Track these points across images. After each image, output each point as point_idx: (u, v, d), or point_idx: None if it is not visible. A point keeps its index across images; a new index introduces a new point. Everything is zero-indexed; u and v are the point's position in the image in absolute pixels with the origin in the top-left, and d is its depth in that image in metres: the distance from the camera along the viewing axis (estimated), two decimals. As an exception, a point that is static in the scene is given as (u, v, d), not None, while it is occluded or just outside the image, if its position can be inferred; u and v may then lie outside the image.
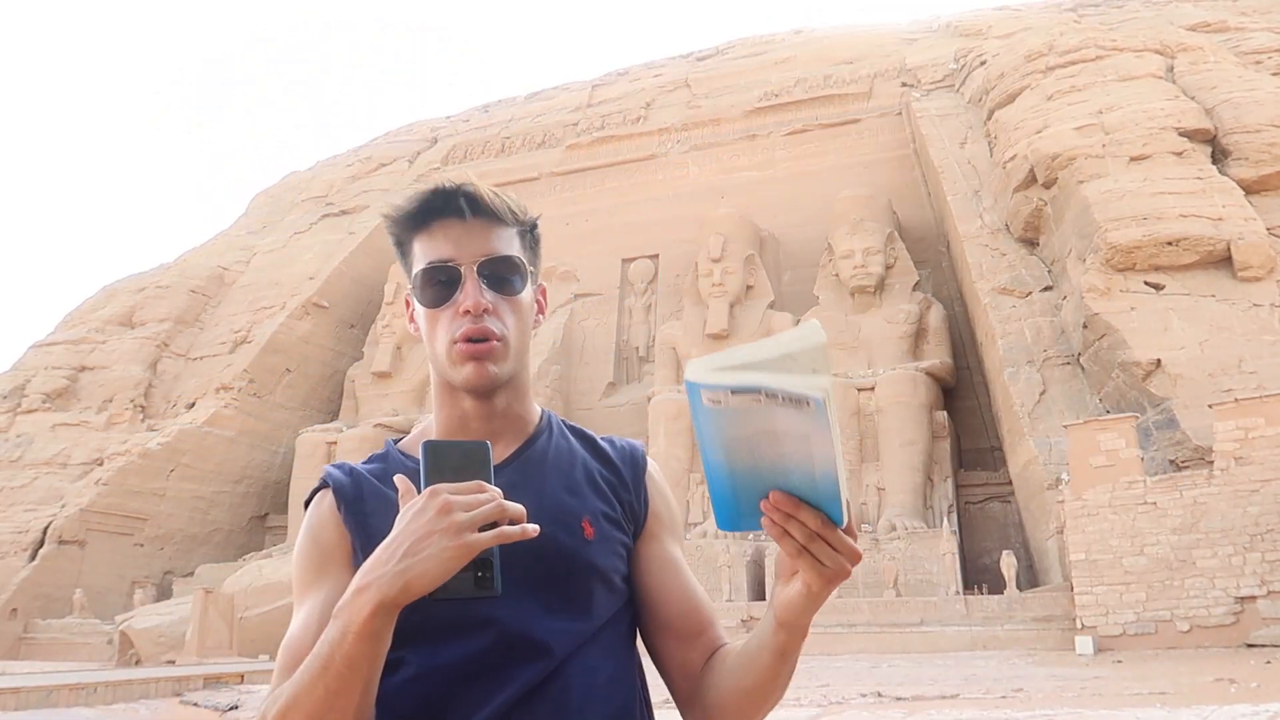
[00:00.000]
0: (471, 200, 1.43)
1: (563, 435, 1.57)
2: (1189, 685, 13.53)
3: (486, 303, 1.40)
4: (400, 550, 1.12)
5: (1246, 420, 20.02)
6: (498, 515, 1.14)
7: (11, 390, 39.87)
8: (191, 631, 25.11)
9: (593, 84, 53.47)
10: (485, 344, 1.40)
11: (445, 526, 1.11)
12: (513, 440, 1.51)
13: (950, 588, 24.88)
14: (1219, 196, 26.09)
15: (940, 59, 42.39)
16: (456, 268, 1.41)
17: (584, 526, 1.42)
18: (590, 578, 1.40)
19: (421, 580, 1.10)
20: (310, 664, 1.15)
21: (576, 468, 1.51)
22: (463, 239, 1.42)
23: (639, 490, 1.55)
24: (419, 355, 40.40)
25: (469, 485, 1.16)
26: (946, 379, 32.63)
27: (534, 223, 1.54)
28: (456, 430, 1.48)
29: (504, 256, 1.44)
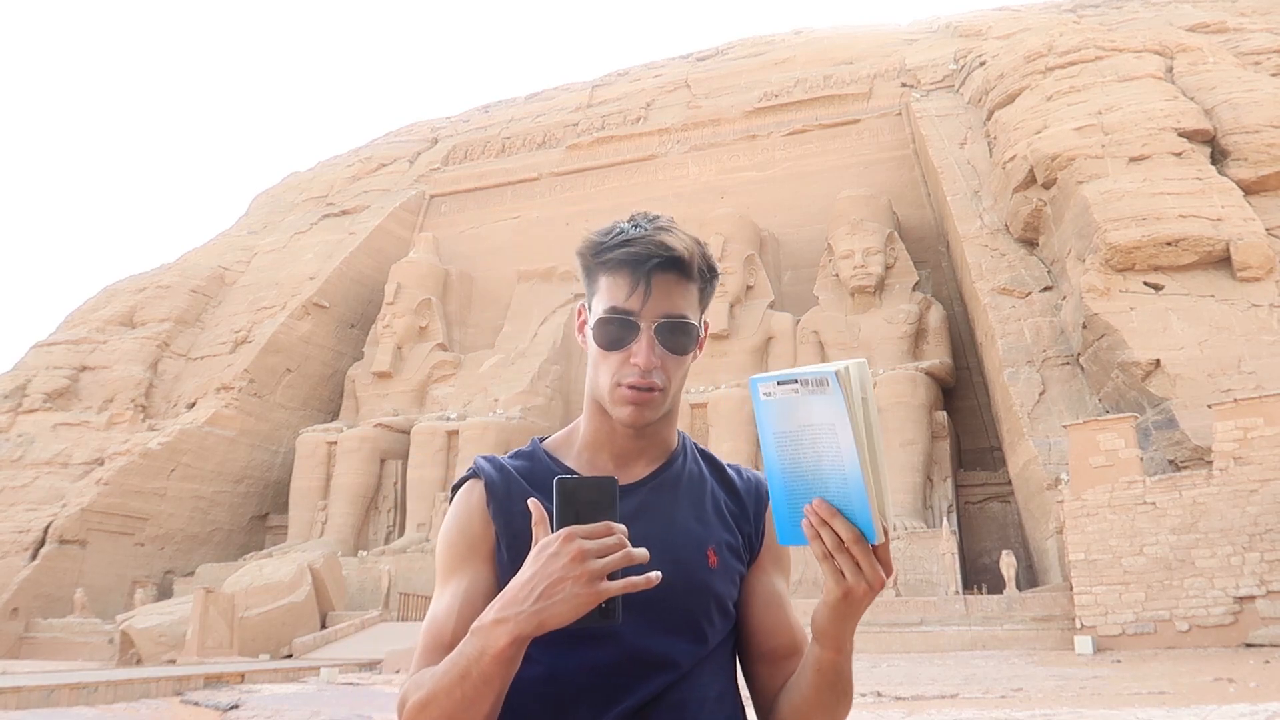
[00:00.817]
0: (667, 261, 1.48)
1: (695, 461, 1.65)
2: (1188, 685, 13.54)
3: (657, 361, 1.48)
4: (537, 592, 1.23)
5: (1246, 420, 20.03)
6: (626, 563, 1.24)
7: (13, 390, 39.89)
8: (192, 631, 25.11)
9: (593, 84, 53.49)
10: (648, 393, 1.48)
11: (578, 574, 1.22)
12: (651, 460, 1.60)
13: (950, 587, 24.90)
14: (1218, 197, 26.12)
15: (940, 59, 42.42)
16: (637, 323, 1.48)
17: (709, 554, 1.52)
18: (710, 603, 1.50)
19: (554, 620, 1.23)
20: (450, 669, 1.28)
21: (706, 496, 1.60)
22: (647, 294, 1.48)
23: (758, 525, 1.63)
24: (419, 355, 40.45)
25: (599, 528, 1.25)
26: (946, 379, 32.65)
27: (716, 274, 1.59)
28: (604, 442, 1.58)
29: (681, 321, 1.49)
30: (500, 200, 47.17)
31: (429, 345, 40.77)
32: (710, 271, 1.56)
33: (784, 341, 35.35)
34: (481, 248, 45.74)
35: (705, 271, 1.54)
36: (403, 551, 32.83)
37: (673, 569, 1.41)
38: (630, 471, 1.58)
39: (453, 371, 40.05)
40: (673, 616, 1.47)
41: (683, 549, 1.50)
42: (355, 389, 40.46)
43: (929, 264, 37.31)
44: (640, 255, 1.47)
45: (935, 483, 30.15)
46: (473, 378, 39.25)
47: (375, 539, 36.11)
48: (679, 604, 1.47)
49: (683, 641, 1.47)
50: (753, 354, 35.47)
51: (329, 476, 36.48)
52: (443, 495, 34.55)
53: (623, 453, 1.58)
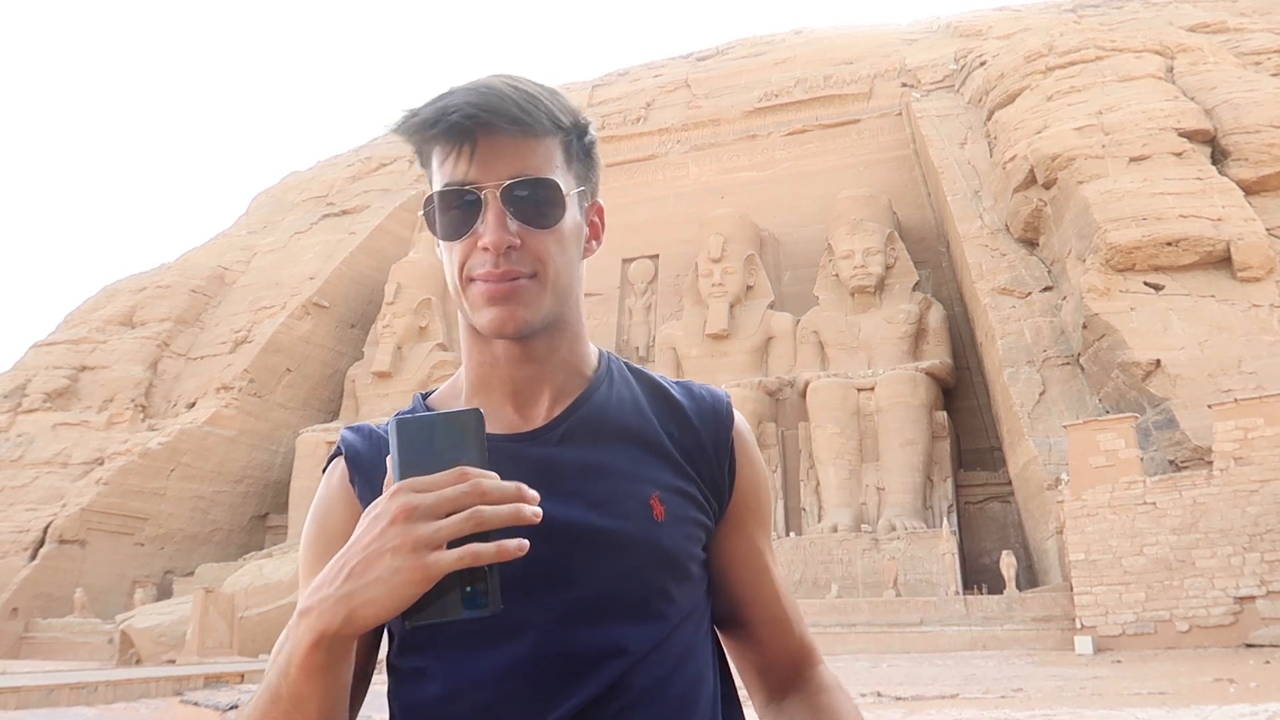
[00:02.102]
0: (493, 107, 1.11)
1: (625, 384, 1.26)
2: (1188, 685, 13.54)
3: (511, 237, 1.11)
4: (345, 569, 0.89)
5: (1246, 420, 20.03)
6: (471, 526, 0.88)
7: (12, 390, 39.89)
8: (192, 631, 25.12)
9: (593, 84, 53.51)
10: (509, 284, 1.12)
11: (401, 541, 0.87)
12: (560, 394, 1.22)
13: (950, 588, 24.90)
14: (1219, 197, 26.12)
15: (940, 59, 42.43)
16: (476, 192, 1.12)
17: (653, 505, 1.15)
18: (661, 569, 1.14)
19: (370, 609, 0.88)
20: (262, 693, 0.97)
21: (643, 428, 1.22)
22: (485, 155, 1.12)
23: (722, 457, 1.24)
24: (419, 355, 40.44)
25: (444, 477, 0.90)
26: (946, 379, 32.65)
27: (583, 128, 1.21)
28: (490, 379, 1.21)
29: (535, 179, 1.12)
30: (500, 200, 47.18)
31: (429, 345, 40.76)
32: (574, 125, 1.18)
33: (784, 341, 35.35)
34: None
35: (562, 122, 1.16)
36: (403, 551, 32.78)
37: (606, 529, 1.11)
38: (534, 413, 1.20)
39: (453, 371, 39.74)
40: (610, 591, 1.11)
41: (616, 503, 1.13)
42: (355, 389, 40.46)
43: (929, 264, 37.30)
44: (464, 110, 1.11)
45: (935, 483, 30.15)
46: (473, 378, 39.25)
47: (375, 539, 36.08)
48: (615, 576, 1.11)
49: (629, 622, 1.11)
50: (753, 354, 35.47)
51: (329, 476, 36.44)
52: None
53: (518, 388, 1.20)
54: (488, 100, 1.11)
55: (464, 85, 1.16)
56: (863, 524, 28.81)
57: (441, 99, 1.14)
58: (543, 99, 1.15)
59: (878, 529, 27.92)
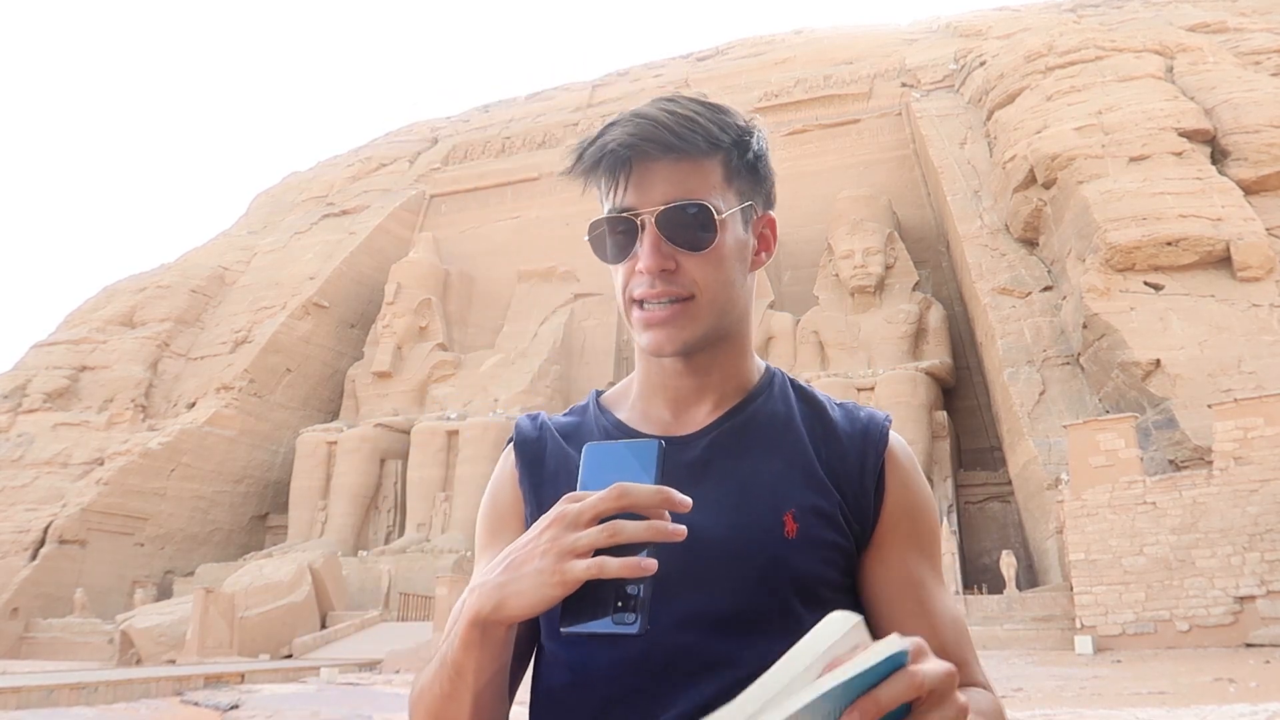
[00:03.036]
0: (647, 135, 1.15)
1: (783, 400, 1.28)
2: (1188, 685, 13.54)
3: (666, 261, 1.16)
4: (506, 560, 0.97)
5: (1246, 420, 20.03)
6: (606, 538, 0.92)
7: (12, 390, 39.90)
8: (192, 631, 25.12)
9: (593, 84, 53.53)
10: (667, 309, 1.16)
11: (547, 546, 0.94)
12: (719, 404, 1.26)
13: (950, 587, 24.85)
14: (1218, 197, 26.12)
15: (940, 59, 42.44)
16: (633, 219, 1.17)
17: (786, 520, 1.15)
18: (785, 584, 1.12)
19: (516, 601, 0.94)
20: (436, 656, 1.06)
21: (792, 444, 1.22)
22: (644, 181, 1.16)
23: (869, 479, 1.22)
24: (419, 355, 40.47)
25: (604, 494, 0.94)
26: (946, 379, 32.66)
27: (745, 144, 1.21)
28: (656, 387, 1.27)
29: (688, 204, 1.15)
30: (500, 200, 47.18)
31: (429, 345, 40.78)
32: (735, 142, 1.20)
33: (784, 341, 35.37)
34: (481, 248, 45.74)
35: (721, 141, 1.18)
36: (403, 551, 32.83)
37: (733, 540, 1.12)
38: (691, 418, 1.25)
39: (453, 371, 40.06)
40: (726, 604, 1.11)
41: (749, 514, 1.15)
42: (355, 389, 40.48)
43: (929, 264, 37.31)
44: (621, 140, 1.15)
45: (935, 482, 30.16)
46: (473, 378, 39.26)
47: (375, 539, 36.11)
48: (734, 588, 1.11)
49: (743, 636, 1.10)
50: (753, 354, 35.49)
51: (329, 476, 36.48)
52: (443, 495, 34.59)
53: (679, 396, 1.25)
54: (642, 129, 1.15)
55: (624, 115, 1.20)
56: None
57: (601, 134, 1.19)
58: (700, 119, 1.18)
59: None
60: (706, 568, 1.11)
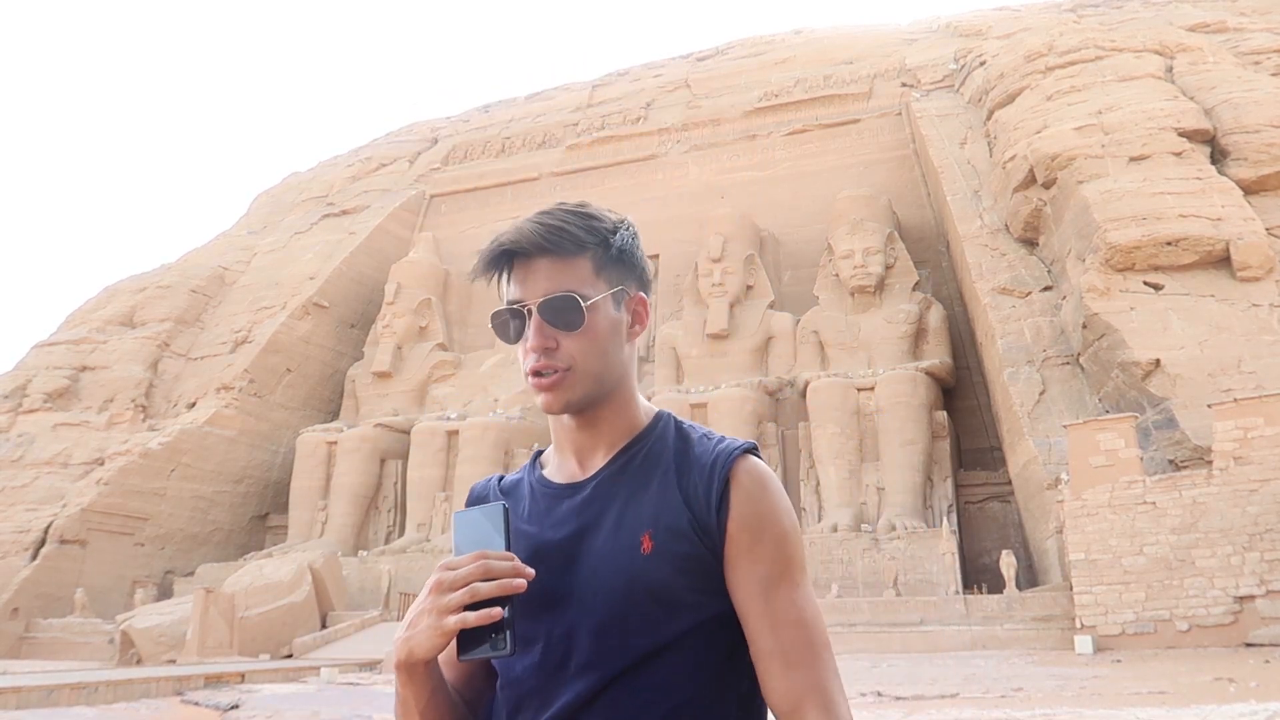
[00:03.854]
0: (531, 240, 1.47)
1: (663, 440, 1.53)
2: (1188, 685, 13.54)
3: (548, 341, 1.45)
4: (407, 622, 1.32)
5: (1246, 420, 20.03)
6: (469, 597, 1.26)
7: (13, 390, 39.89)
8: (192, 631, 25.12)
9: (593, 84, 53.50)
10: (549, 378, 1.46)
11: (429, 606, 1.29)
12: (612, 448, 1.53)
13: (950, 587, 24.89)
14: (1218, 196, 26.11)
15: (940, 59, 42.42)
16: (520, 310, 1.48)
17: (644, 540, 1.40)
18: (644, 596, 1.37)
19: (418, 650, 1.30)
20: None
21: (662, 475, 1.47)
22: (528, 279, 1.48)
23: (714, 497, 1.42)
24: (419, 355, 40.46)
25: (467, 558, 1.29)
26: (946, 379, 32.65)
27: (608, 241, 1.51)
28: (562, 441, 1.57)
29: (561, 296, 1.45)
30: (500, 200, 47.16)
31: (429, 345, 40.77)
32: (600, 241, 1.49)
33: (784, 341, 35.36)
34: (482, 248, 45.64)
35: (587, 243, 1.49)
36: (403, 551, 32.82)
37: (605, 561, 1.39)
38: (590, 464, 1.53)
39: (453, 371, 40.05)
40: (598, 614, 1.38)
41: (619, 538, 1.41)
42: (355, 389, 40.47)
43: (929, 264, 37.30)
44: (500, 249, 1.49)
45: (935, 482, 30.15)
46: (473, 378, 39.25)
47: (375, 539, 36.10)
48: (603, 601, 1.37)
49: (613, 638, 1.36)
50: (753, 354, 35.48)
51: (329, 476, 36.46)
52: (443, 495, 34.57)
53: (579, 448, 1.54)
54: (522, 236, 1.47)
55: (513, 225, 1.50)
56: (863, 524, 28.81)
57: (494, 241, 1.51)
58: (569, 226, 1.48)
59: (878, 529, 27.92)
60: (587, 586, 1.40)
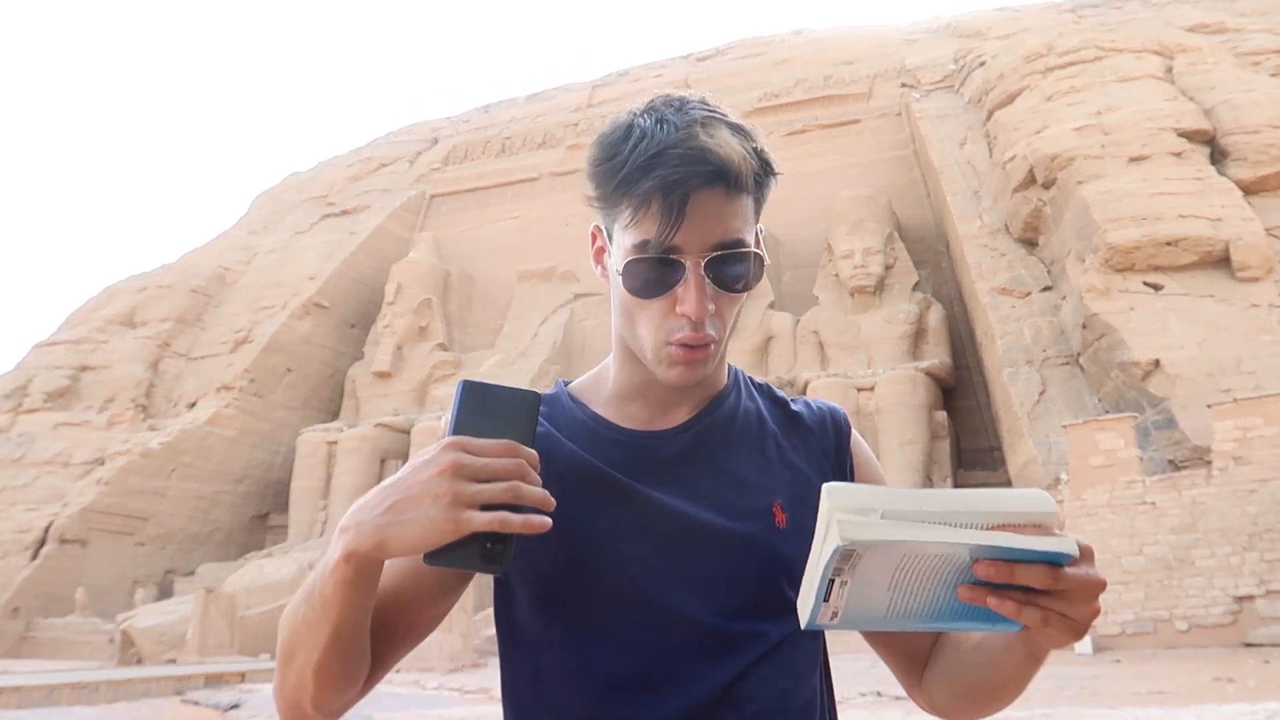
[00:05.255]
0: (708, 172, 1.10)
1: (750, 397, 1.32)
2: (1187, 684, 13.56)
3: (711, 307, 1.13)
4: (388, 502, 0.96)
5: (1245, 420, 20.04)
6: (509, 497, 0.94)
7: (13, 390, 39.92)
8: (192, 630, 25.14)
9: (593, 84, 53.54)
10: (700, 351, 1.15)
11: (442, 491, 0.93)
12: (694, 401, 1.28)
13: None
14: (1218, 197, 26.14)
15: (940, 60, 42.45)
16: (680, 261, 1.11)
17: (775, 512, 1.20)
18: (781, 575, 1.17)
19: (400, 542, 0.94)
20: (303, 588, 1.05)
21: (768, 439, 1.27)
22: (690, 220, 1.10)
23: (842, 465, 1.29)
24: (419, 355, 40.48)
25: (495, 445, 0.96)
26: (946, 379, 32.68)
27: (767, 166, 1.19)
28: (637, 392, 1.27)
29: (736, 252, 1.13)
30: (500, 200, 47.20)
31: (429, 345, 40.80)
32: (765, 170, 1.18)
33: (784, 341, 35.39)
34: (481, 248, 45.76)
35: (759, 174, 1.17)
36: (403, 551, 32.83)
37: (730, 533, 1.16)
38: (670, 416, 1.27)
39: (453, 371, 40.08)
40: (735, 590, 1.15)
41: (742, 507, 1.18)
42: (355, 389, 40.50)
43: (929, 264, 37.33)
44: (674, 177, 1.08)
45: (935, 482, 30.18)
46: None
47: (375, 539, 36.12)
48: (741, 573, 1.16)
49: (745, 622, 1.15)
50: (753, 354, 35.51)
51: (329, 476, 36.50)
52: (443, 495, 34.59)
53: (660, 402, 1.27)
54: (703, 158, 1.09)
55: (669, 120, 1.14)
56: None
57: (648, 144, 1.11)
58: (749, 154, 1.14)
59: (878, 529, 27.92)
60: (705, 559, 1.16)
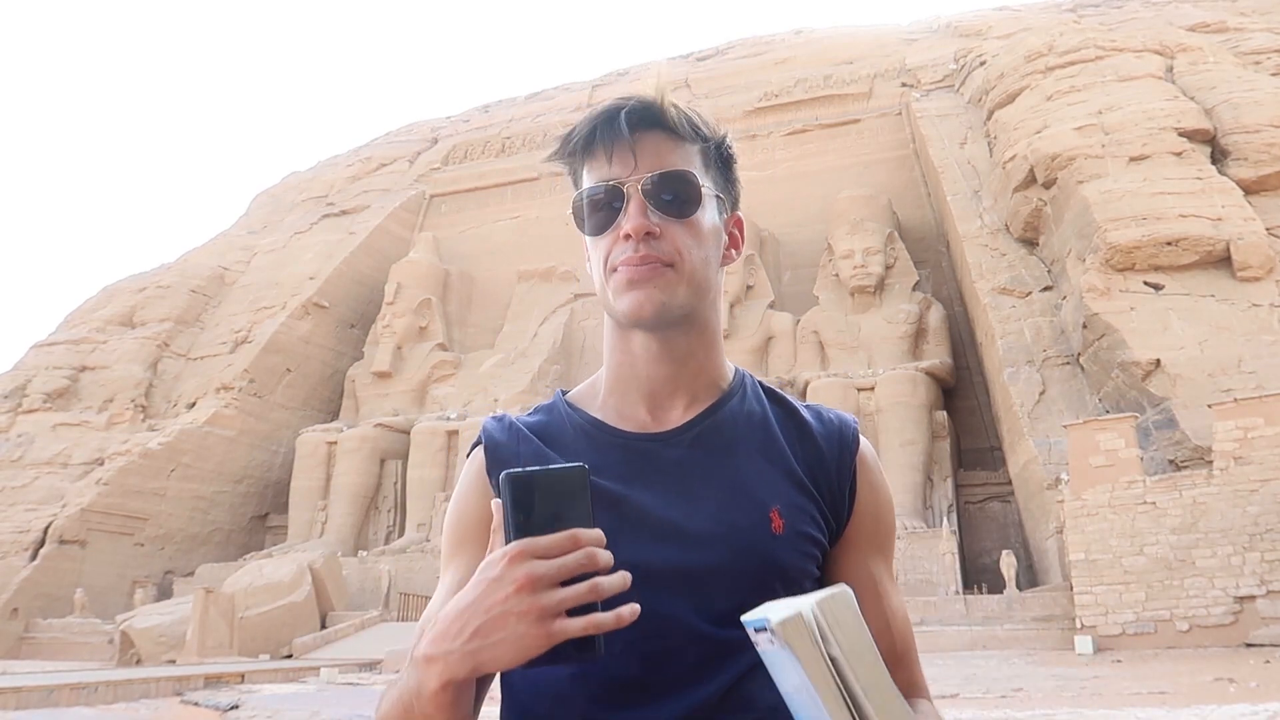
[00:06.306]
0: (640, 113, 1.22)
1: (757, 400, 1.31)
2: (1188, 685, 13.54)
3: (652, 224, 1.18)
4: (470, 628, 0.94)
5: (1246, 420, 20.02)
6: (591, 598, 0.92)
7: (12, 390, 39.89)
8: (192, 631, 25.12)
9: (593, 84, 53.54)
10: (648, 268, 1.17)
11: (525, 609, 0.91)
12: (694, 401, 1.27)
13: (950, 587, 24.89)
14: (1218, 196, 26.12)
15: (940, 59, 42.43)
16: (619, 186, 1.19)
17: (773, 517, 1.19)
18: (775, 581, 1.16)
19: (495, 664, 0.94)
20: (396, 701, 1.03)
21: (770, 443, 1.26)
22: (629, 156, 1.20)
23: (845, 479, 1.27)
24: (419, 355, 40.46)
25: (560, 541, 0.93)
26: (946, 379, 32.66)
27: (721, 139, 1.29)
28: (629, 379, 1.26)
29: (674, 172, 1.20)
30: (500, 200, 47.18)
31: (429, 345, 40.78)
32: (711, 133, 1.27)
33: (784, 341, 35.37)
34: (481, 248, 45.75)
35: (700, 130, 1.26)
36: (403, 551, 32.83)
37: (726, 538, 1.15)
38: (668, 415, 1.26)
39: (453, 371, 40.06)
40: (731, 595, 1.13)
41: (739, 512, 1.17)
42: (355, 389, 40.48)
43: (929, 264, 37.31)
44: (609, 119, 1.22)
45: (935, 482, 30.15)
46: (473, 378, 39.26)
47: (375, 539, 36.11)
48: (731, 585, 1.14)
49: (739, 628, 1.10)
50: (753, 354, 35.48)
51: (329, 476, 36.48)
52: (443, 495, 34.57)
53: (654, 389, 1.25)
54: (635, 104, 1.23)
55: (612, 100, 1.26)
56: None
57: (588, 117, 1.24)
58: (685, 109, 1.26)
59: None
60: (702, 564, 1.15)
